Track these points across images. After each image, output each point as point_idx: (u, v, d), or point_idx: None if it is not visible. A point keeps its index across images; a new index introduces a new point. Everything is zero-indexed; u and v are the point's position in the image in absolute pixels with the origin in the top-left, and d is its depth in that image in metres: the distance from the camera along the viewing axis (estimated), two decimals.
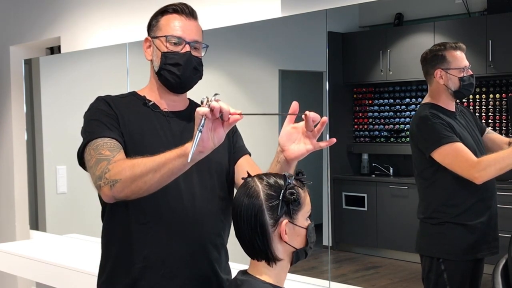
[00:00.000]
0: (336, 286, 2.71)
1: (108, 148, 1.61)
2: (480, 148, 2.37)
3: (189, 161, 1.39)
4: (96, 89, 3.77)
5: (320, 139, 1.53)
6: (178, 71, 1.72)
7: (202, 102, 1.39)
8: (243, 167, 1.74)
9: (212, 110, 1.38)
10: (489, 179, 2.23)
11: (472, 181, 2.21)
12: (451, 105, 2.41)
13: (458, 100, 2.46)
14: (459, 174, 2.24)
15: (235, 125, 1.89)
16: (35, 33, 4.30)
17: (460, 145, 2.26)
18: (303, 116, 1.49)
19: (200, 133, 1.38)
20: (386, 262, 3.54)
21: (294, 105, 1.53)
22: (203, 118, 1.38)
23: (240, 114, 1.42)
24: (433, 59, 2.39)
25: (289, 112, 1.54)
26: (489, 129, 2.53)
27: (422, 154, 2.35)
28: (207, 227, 1.72)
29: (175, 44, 1.72)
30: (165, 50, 1.73)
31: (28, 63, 4.48)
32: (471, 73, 2.39)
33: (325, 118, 1.51)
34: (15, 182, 4.54)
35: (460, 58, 2.37)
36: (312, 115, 1.49)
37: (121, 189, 1.52)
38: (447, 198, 2.33)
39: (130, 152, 1.66)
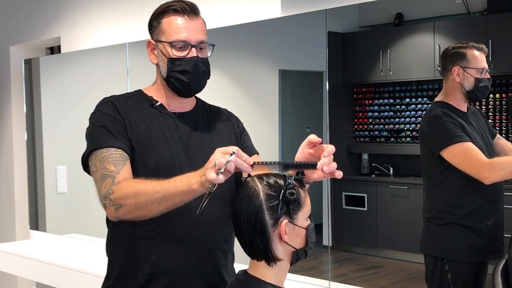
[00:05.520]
0: (336, 286, 2.70)
1: (113, 161, 1.60)
2: (489, 151, 2.36)
3: (197, 213, 1.41)
4: (96, 89, 3.81)
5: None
6: (187, 78, 1.70)
7: (215, 165, 1.35)
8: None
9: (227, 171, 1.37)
10: (498, 180, 2.22)
11: (481, 181, 2.20)
12: (463, 106, 2.40)
13: (470, 102, 2.44)
14: (468, 173, 2.23)
15: (242, 125, 1.89)
16: (35, 33, 4.29)
17: (470, 144, 2.25)
18: (319, 166, 1.43)
19: (210, 195, 1.39)
20: (386, 262, 3.54)
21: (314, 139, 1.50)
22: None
23: (252, 166, 1.40)
24: (453, 55, 2.38)
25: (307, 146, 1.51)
26: (499, 135, 2.53)
27: (431, 152, 2.34)
28: (215, 233, 1.71)
29: (180, 48, 1.69)
30: (171, 55, 1.69)
31: (28, 63, 4.48)
32: (489, 76, 2.37)
33: (340, 173, 1.46)
34: (15, 182, 4.54)
35: (480, 59, 2.36)
36: (326, 169, 1.42)
37: (126, 213, 1.54)
38: (453, 199, 2.32)
39: (138, 156, 1.65)
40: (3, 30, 4.58)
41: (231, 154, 1.36)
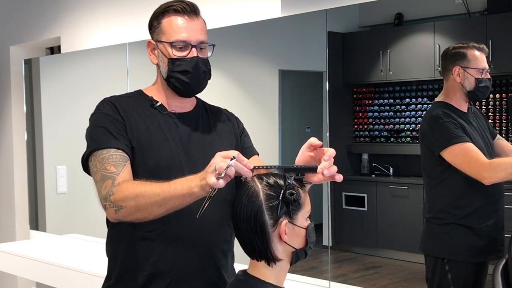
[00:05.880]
0: (336, 286, 2.70)
1: (113, 162, 1.60)
2: (490, 151, 2.36)
3: (197, 217, 1.40)
4: (96, 89, 3.81)
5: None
6: (187, 78, 1.69)
7: (216, 169, 1.34)
8: None
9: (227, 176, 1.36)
10: (498, 181, 2.22)
11: (481, 182, 2.19)
12: (463, 106, 2.40)
13: (470, 102, 2.44)
14: (468, 174, 2.23)
15: (242, 125, 1.89)
16: (35, 33, 4.30)
17: (470, 145, 2.25)
18: (319, 170, 1.42)
19: (210, 198, 1.38)
20: (386, 262, 3.54)
21: (315, 142, 1.49)
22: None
23: (252, 170, 1.39)
24: (453, 56, 2.38)
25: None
26: (499, 136, 2.53)
27: (431, 152, 2.34)
28: (215, 233, 1.71)
29: (180, 48, 1.69)
30: (171, 56, 1.69)
31: (28, 63, 4.48)
32: (489, 76, 2.37)
33: (340, 177, 1.45)
34: (15, 182, 4.54)
35: (480, 59, 2.35)
36: (326, 173, 1.41)
37: (126, 215, 1.54)
38: (454, 199, 2.32)
39: (138, 156, 1.65)
40: (3, 30, 4.58)
41: (231, 159, 1.35)
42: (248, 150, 1.82)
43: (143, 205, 1.50)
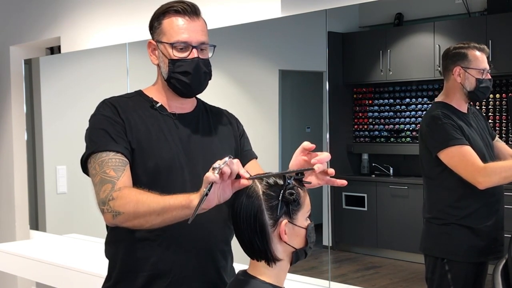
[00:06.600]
0: (336, 286, 2.71)
1: (113, 166, 1.59)
2: (489, 152, 2.36)
3: (189, 222, 1.39)
4: (96, 89, 3.82)
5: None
6: (188, 79, 1.69)
7: (214, 169, 1.35)
8: (250, 172, 1.73)
9: (222, 174, 1.35)
10: (492, 186, 2.22)
11: (475, 186, 2.20)
12: (463, 106, 2.40)
13: (470, 102, 2.44)
14: (463, 177, 2.23)
15: (242, 127, 1.89)
16: (35, 33, 4.30)
17: (468, 148, 2.25)
18: (315, 168, 1.48)
19: (206, 197, 1.37)
20: (386, 262, 3.55)
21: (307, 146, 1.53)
22: (211, 183, 1.36)
23: (248, 179, 1.40)
24: (454, 56, 2.38)
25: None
26: (498, 138, 2.53)
27: (429, 153, 2.34)
28: (215, 235, 1.71)
29: (181, 49, 1.69)
30: (172, 56, 1.69)
31: (28, 63, 4.48)
32: (490, 77, 2.37)
33: (344, 182, 1.52)
34: (15, 182, 4.54)
35: (481, 60, 2.35)
36: (317, 167, 1.47)
37: (123, 221, 1.54)
38: (452, 200, 2.32)
39: (138, 158, 1.65)
40: (3, 30, 4.58)
41: (229, 157, 1.36)
42: (247, 153, 1.82)
43: (141, 212, 1.50)
